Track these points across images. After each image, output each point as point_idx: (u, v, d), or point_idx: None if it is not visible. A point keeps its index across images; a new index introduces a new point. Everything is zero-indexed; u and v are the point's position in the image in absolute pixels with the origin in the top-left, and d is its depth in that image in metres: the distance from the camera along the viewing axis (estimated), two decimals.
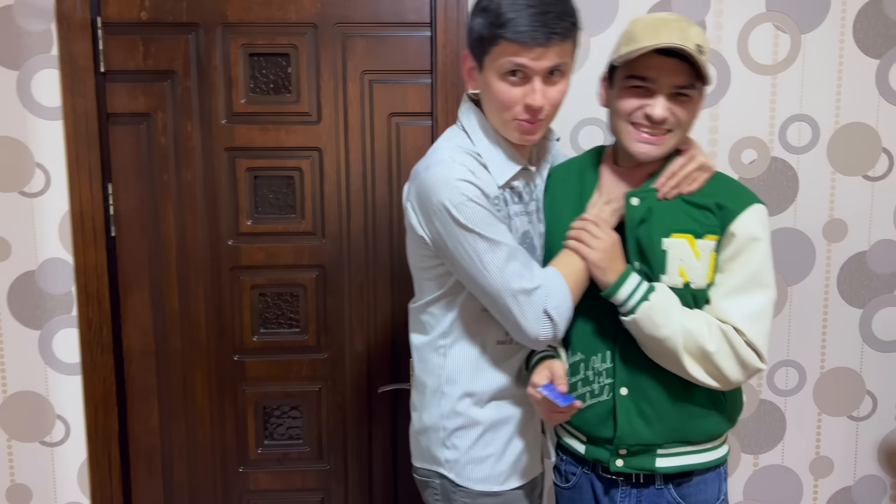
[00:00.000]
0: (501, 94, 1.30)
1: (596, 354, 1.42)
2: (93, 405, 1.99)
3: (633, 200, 1.36)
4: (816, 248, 2.05)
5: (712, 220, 1.34)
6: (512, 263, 1.30)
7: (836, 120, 2.01)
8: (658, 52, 1.26)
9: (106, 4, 1.88)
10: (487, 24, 1.27)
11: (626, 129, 1.33)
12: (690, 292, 1.36)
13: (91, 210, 1.93)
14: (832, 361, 2.10)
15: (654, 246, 1.35)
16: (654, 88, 1.29)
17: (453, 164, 1.30)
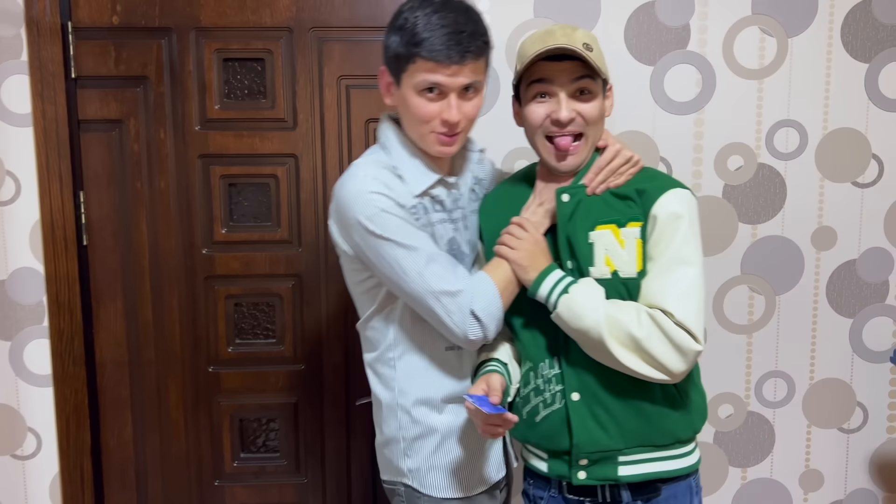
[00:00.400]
0: (419, 110, 1.33)
1: (543, 361, 1.41)
2: (64, 418, 1.95)
3: (563, 197, 1.38)
4: (805, 256, 2.00)
5: (635, 208, 1.36)
6: (432, 266, 1.34)
7: (824, 125, 1.96)
8: (550, 59, 1.32)
9: (77, 8, 1.85)
10: (404, 43, 1.31)
11: (542, 146, 1.38)
12: (621, 281, 1.35)
13: (62, 218, 1.89)
14: (822, 372, 2.05)
15: (581, 240, 1.36)
16: (555, 90, 1.33)
17: (365, 178, 1.34)
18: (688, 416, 1.40)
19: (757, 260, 1.99)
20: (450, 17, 1.29)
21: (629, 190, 1.37)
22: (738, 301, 2.01)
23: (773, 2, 1.90)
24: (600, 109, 1.36)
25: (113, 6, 1.85)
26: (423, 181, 1.39)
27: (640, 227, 1.34)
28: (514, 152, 1.93)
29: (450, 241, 1.43)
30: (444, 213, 1.43)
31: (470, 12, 1.33)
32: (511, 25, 1.89)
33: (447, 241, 1.42)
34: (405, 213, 1.34)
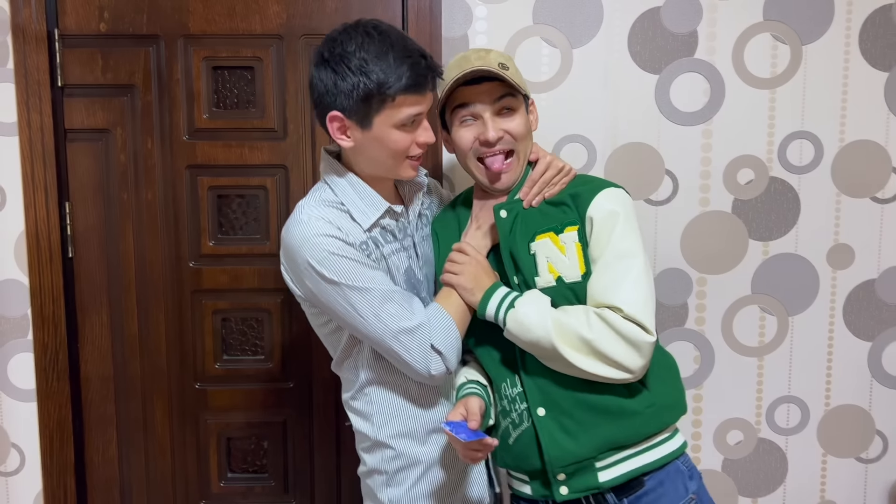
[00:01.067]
0: (400, 144, 1.34)
1: (504, 380, 1.40)
2: (48, 434, 1.90)
3: (501, 213, 1.39)
4: (820, 275, 1.89)
5: (570, 213, 1.36)
6: (388, 306, 1.32)
7: (840, 137, 1.85)
8: (469, 84, 1.35)
9: (64, 16, 1.81)
10: (377, 85, 1.28)
11: (475, 168, 1.40)
12: (567, 287, 1.34)
13: (47, 230, 1.84)
14: (838, 398, 1.94)
15: (523, 252, 1.37)
16: (478, 111, 1.36)
17: (311, 220, 1.32)
18: (657, 411, 1.35)
19: (768, 279, 1.89)
20: (404, 48, 1.29)
21: (563, 196, 1.39)
22: (749, 322, 1.91)
23: (787, 7, 1.81)
24: (526, 124, 1.39)
25: (100, 13, 1.81)
26: (371, 214, 1.37)
27: (577, 230, 1.35)
28: None
29: (406, 270, 1.41)
30: (396, 244, 1.42)
31: (406, 36, 1.34)
32: (510, 32, 1.82)
33: (404, 270, 1.41)
34: (355, 252, 1.32)
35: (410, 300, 1.35)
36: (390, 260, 1.39)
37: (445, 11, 1.80)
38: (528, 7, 1.81)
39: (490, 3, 1.80)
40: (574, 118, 1.83)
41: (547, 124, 1.83)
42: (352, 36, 1.29)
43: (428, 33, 1.80)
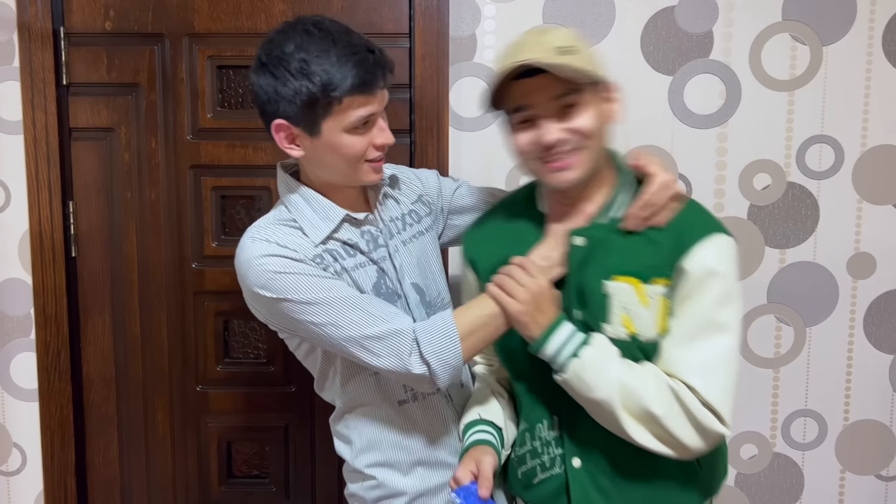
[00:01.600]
0: (353, 147, 1.21)
1: (541, 421, 1.24)
2: (49, 434, 1.89)
3: (576, 240, 1.19)
4: (840, 285, 1.82)
5: (661, 254, 1.15)
6: (349, 313, 1.19)
7: (862, 142, 1.78)
8: (521, 77, 1.13)
9: (70, 14, 1.80)
10: (321, 87, 1.16)
11: (537, 168, 1.19)
12: (638, 346, 1.15)
13: (51, 229, 1.83)
14: (857, 413, 1.87)
15: (594, 289, 1.17)
16: (537, 113, 1.15)
17: (253, 243, 1.22)
18: (702, 485, 1.23)
19: (785, 288, 1.82)
20: (348, 44, 1.17)
21: (660, 235, 1.16)
22: (764, 332, 1.84)
23: (807, 7, 1.74)
24: (597, 119, 1.15)
25: (106, 11, 1.79)
26: (323, 227, 1.25)
27: (667, 285, 1.14)
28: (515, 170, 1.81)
29: (375, 285, 1.28)
30: (361, 257, 1.28)
31: (351, 30, 1.21)
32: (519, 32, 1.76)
33: (372, 285, 1.28)
34: (306, 267, 1.20)
35: (384, 307, 1.22)
36: (354, 273, 1.26)
37: (453, 10, 1.76)
38: (538, 6, 1.76)
39: (499, 1, 1.76)
40: None
41: None
42: (290, 36, 1.18)
43: (435, 32, 1.76)
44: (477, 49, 1.77)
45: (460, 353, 1.19)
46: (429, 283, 1.36)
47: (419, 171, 1.48)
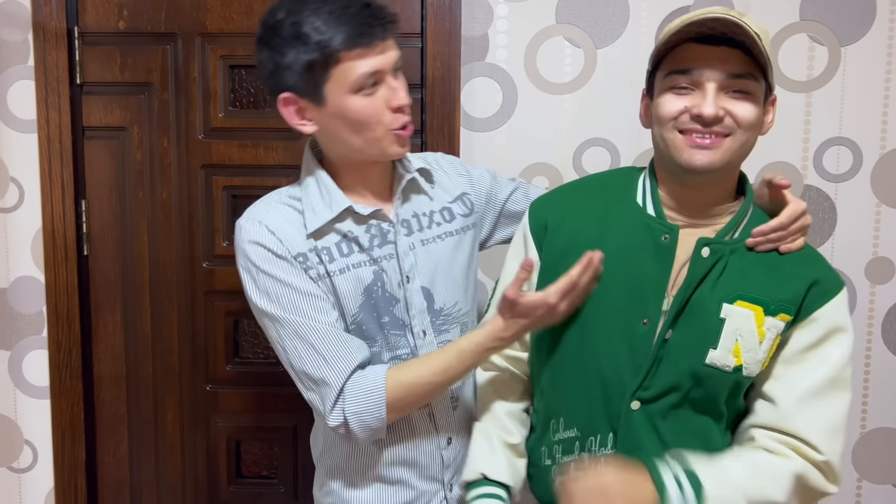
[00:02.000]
0: (363, 111, 1.13)
1: (594, 435, 1.14)
2: (60, 432, 1.90)
3: (703, 251, 1.07)
4: (858, 289, 1.79)
5: (791, 293, 1.07)
6: (297, 342, 1.16)
7: (881, 144, 1.75)
8: (703, 42, 1.03)
9: (84, 13, 1.80)
10: (314, 49, 1.10)
11: (673, 139, 1.06)
12: (737, 377, 1.08)
13: (63, 227, 1.84)
14: (875, 421, 1.83)
15: (711, 311, 1.06)
16: (702, 81, 1.03)
17: (248, 223, 1.19)
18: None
19: None
20: (340, 0, 1.10)
21: (801, 271, 1.08)
22: None
23: (825, 7, 1.72)
24: (758, 116, 1.05)
25: (119, 11, 1.80)
26: (323, 215, 1.19)
27: (788, 321, 1.06)
28: (530, 168, 1.79)
29: (367, 288, 1.21)
30: (356, 256, 1.21)
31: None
32: (532, 31, 1.76)
33: (363, 288, 1.21)
34: (284, 267, 1.16)
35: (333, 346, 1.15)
36: (338, 277, 1.19)
37: (465, 10, 1.75)
38: (552, 5, 1.75)
39: (511, 1, 1.75)
40: (598, 121, 1.76)
41: (569, 127, 1.77)
42: (282, 4, 1.12)
43: (447, 32, 1.75)
44: (489, 49, 1.76)
45: (384, 417, 1.16)
46: (443, 290, 1.27)
47: (472, 168, 1.39)
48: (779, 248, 1.10)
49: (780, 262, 1.10)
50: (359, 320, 1.22)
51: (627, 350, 1.11)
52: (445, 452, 1.30)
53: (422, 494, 1.29)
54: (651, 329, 1.09)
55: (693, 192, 1.11)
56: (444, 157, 1.38)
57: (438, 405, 1.29)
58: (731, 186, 1.14)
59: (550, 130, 1.78)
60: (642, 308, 1.10)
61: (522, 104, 1.77)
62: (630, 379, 1.11)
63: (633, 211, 1.15)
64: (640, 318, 1.10)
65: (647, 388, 1.11)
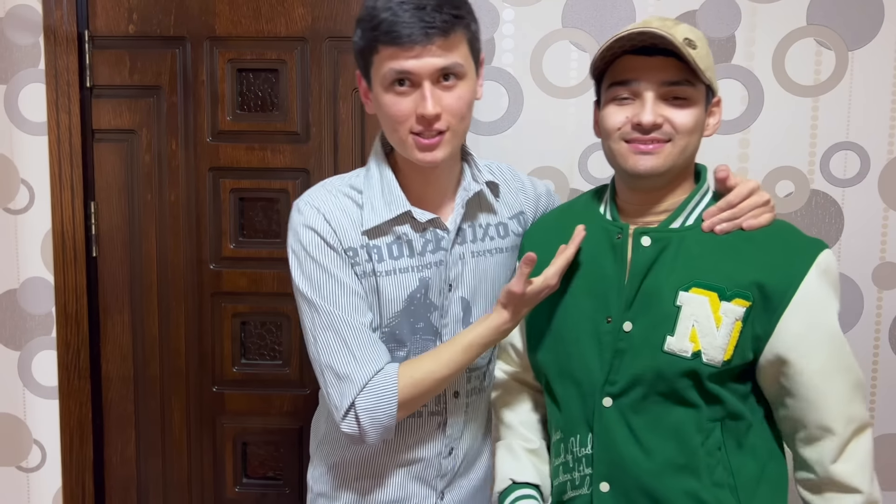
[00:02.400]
0: (390, 109, 1.13)
1: (574, 435, 1.17)
2: (68, 432, 1.91)
3: (643, 240, 1.12)
4: (865, 295, 1.78)
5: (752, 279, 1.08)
6: (329, 334, 1.16)
7: (889, 149, 1.74)
8: (638, 53, 1.08)
9: (94, 17, 1.82)
10: (363, 33, 1.12)
11: (619, 148, 1.11)
12: (699, 365, 1.08)
13: (73, 229, 1.86)
14: (883, 426, 1.82)
15: (666, 298, 1.09)
16: (639, 90, 1.09)
17: (306, 207, 1.19)
18: None
19: None
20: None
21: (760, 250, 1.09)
22: None
23: (832, 11, 1.71)
24: (697, 120, 1.09)
25: (129, 15, 1.82)
26: (382, 214, 1.18)
27: (747, 308, 1.07)
28: (536, 171, 1.80)
29: (410, 295, 1.21)
30: (406, 261, 1.20)
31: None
32: (538, 36, 1.76)
33: (407, 295, 1.21)
34: (332, 257, 1.16)
35: (365, 345, 1.16)
36: (384, 279, 1.19)
37: None
38: (558, 10, 1.75)
39: (518, 5, 1.75)
40: None
41: (575, 131, 1.78)
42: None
43: None
44: (496, 53, 1.77)
45: (394, 413, 1.16)
46: (482, 303, 1.28)
47: (538, 184, 1.39)
48: (742, 226, 1.12)
49: (745, 244, 1.10)
50: (395, 324, 1.22)
51: (596, 349, 1.14)
52: (445, 461, 1.31)
53: (412, 496, 1.30)
54: (615, 325, 1.13)
55: (646, 194, 1.15)
56: (510, 171, 1.37)
57: (452, 413, 1.30)
58: (685, 185, 1.17)
59: (556, 134, 1.78)
60: (605, 307, 1.14)
61: (528, 108, 1.78)
62: (598, 375, 1.14)
63: (595, 219, 1.21)
64: (605, 317, 1.14)
65: (614, 382, 1.13)
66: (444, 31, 1.09)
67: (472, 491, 1.38)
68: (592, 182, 1.79)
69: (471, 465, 1.37)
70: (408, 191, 1.22)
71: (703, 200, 1.16)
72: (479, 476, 1.39)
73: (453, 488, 1.33)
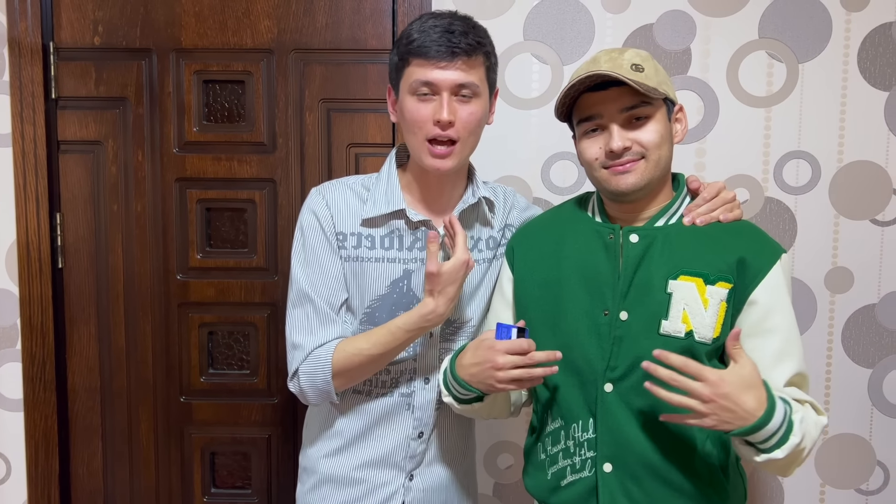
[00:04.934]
0: (412, 113, 1.29)
1: (577, 421, 1.25)
2: (34, 444, 1.90)
3: (631, 238, 1.24)
4: (818, 299, 1.84)
5: (726, 259, 1.21)
6: (297, 310, 1.35)
7: (839, 158, 1.81)
8: (595, 89, 1.21)
9: (59, 29, 1.83)
10: (398, 50, 1.31)
11: (600, 175, 1.24)
12: (690, 343, 1.19)
13: (37, 240, 1.86)
14: (837, 427, 1.88)
15: (658, 287, 1.21)
16: (604, 123, 1.22)
17: (317, 192, 1.38)
18: (730, 498, 1.26)
19: None
20: (444, 20, 1.28)
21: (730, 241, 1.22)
22: None
23: (783, 25, 1.77)
24: (662, 133, 1.21)
25: (95, 27, 1.83)
26: (381, 208, 1.35)
27: (730, 289, 1.20)
28: (500, 181, 1.83)
29: (393, 283, 1.36)
30: (394, 252, 1.36)
31: (469, 20, 1.31)
32: (500, 48, 1.79)
33: (389, 282, 1.36)
34: (320, 239, 1.34)
35: (320, 319, 1.34)
36: (368, 265, 1.35)
37: None
38: (519, 23, 1.79)
39: (481, 19, 1.78)
40: (565, 135, 1.80)
41: (537, 142, 1.82)
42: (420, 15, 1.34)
43: None
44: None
45: (329, 380, 1.32)
46: (463, 305, 1.41)
47: (529, 208, 1.50)
48: (719, 218, 1.25)
49: (720, 234, 1.24)
50: (375, 307, 1.36)
51: (595, 340, 1.24)
52: (414, 443, 1.40)
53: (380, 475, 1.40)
54: (612, 317, 1.23)
55: (631, 205, 1.27)
56: (515, 196, 1.50)
57: (421, 397, 1.40)
58: (664, 192, 1.28)
59: (519, 144, 1.82)
60: (602, 301, 1.24)
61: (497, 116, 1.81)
62: (599, 363, 1.23)
63: (585, 222, 1.32)
64: (602, 310, 1.24)
65: (615, 367, 1.22)
66: (467, 53, 1.27)
67: (446, 482, 1.44)
68: (555, 191, 1.83)
69: (447, 456, 1.44)
70: (413, 195, 1.38)
71: (684, 204, 1.29)
72: (457, 472, 1.46)
73: (424, 473, 1.41)
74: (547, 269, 1.30)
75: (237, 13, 1.81)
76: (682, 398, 1.10)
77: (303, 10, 1.81)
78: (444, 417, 1.43)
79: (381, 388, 1.38)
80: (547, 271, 1.30)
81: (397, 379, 1.38)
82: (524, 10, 1.79)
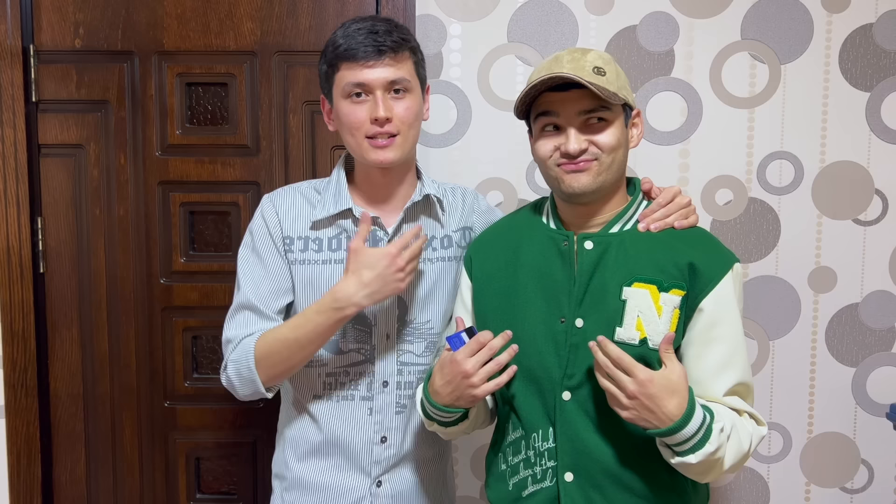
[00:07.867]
0: (349, 116, 1.31)
1: (536, 431, 1.25)
2: (15, 451, 1.88)
3: (586, 244, 1.23)
4: (801, 298, 1.85)
5: (680, 272, 1.20)
6: (238, 314, 1.38)
7: (821, 158, 1.82)
8: (555, 89, 1.19)
9: (39, 32, 1.81)
10: (326, 58, 1.33)
11: (553, 173, 1.23)
12: (647, 351, 1.18)
13: (18, 245, 1.84)
14: (821, 426, 1.89)
15: (613, 294, 1.20)
16: (562, 123, 1.20)
17: (265, 199, 1.41)
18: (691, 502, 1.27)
19: (748, 302, 1.84)
20: (367, 23, 1.30)
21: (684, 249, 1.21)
22: None
23: (765, 26, 1.79)
24: (619, 137, 1.20)
25: (76, 29, 1.81)
26: (329, 209, 1.36)
27: (682, 297, 1.19)
28: (485, 183, 1.83)
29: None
30: (344, 253, 1.36)
31: (391, 20, 1.34)
32: (484, 50, 1.80)
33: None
34: (266, 243, 1.36)
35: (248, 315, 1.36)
36: (314, 267, 1.36)
37: (419, 30, 1.79)
38: (503, 24, 1.79)
39: (464, 20, 1.79)
40: None
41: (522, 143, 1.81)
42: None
43: None
44: (443, 67, 1.80)
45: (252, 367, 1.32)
46: (419, 306, 1.40)
47: (492, 212, 1.50)
48: (674, 225, 1.25)
49: (675, 241, 1.23)
50: None
51: (552, 347, 1.23)
52: (378, 448, 1.40)
53: (346, 479, 1.40)
54: (568, 324, 1.22)
55: (584, 208, 1.26)
56: (475, 196, 1.50)
57: (381, 401, 1.40)
58: (618, 197, 1.27)
59: (504, 146, 1.82)
60: (558, 308, 1.23)
61: (477, 121, 1.81)
62: (556, 371, 1.22)
63: (540, 229, 1.31)
64: (559, 318, 1.23)
65: (572, 375, 1.22)
66: (393, 50, 1.29)
67: (416, 488, 1.44)
68: (540, 192, 1.83)
69: (416, 461, 1.44)
70: (361, 196, 1.39)
71: (640, 209, 1.28)
72: (428, 478, 1.45)
73: (393, 478, 1.41)
74: (504, 277, 1.29)
75: (220, 15, 1.80)
76: (609, 385, 1.12)
77: (286, 11, 1.80)
78: (408, 422, 1.42)
79: (340, 390, 1.39)
80: (504, 280, 1.29)
81: (357, 382, 1.39)
82: (508, 12, 1.79)
